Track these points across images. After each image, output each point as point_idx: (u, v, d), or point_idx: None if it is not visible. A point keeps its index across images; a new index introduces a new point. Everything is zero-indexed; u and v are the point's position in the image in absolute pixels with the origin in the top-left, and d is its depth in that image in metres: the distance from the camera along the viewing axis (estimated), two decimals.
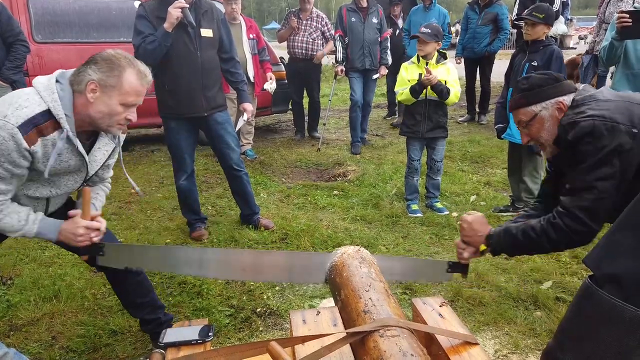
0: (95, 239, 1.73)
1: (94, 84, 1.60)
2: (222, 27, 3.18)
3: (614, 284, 0.99)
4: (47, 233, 1.69)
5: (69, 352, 2.18)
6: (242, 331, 2.32)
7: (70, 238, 1.69)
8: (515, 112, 1.78)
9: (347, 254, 1.76)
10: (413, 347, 1.25)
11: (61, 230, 1.69)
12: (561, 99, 1.68)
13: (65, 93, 1.60)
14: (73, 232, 1.68)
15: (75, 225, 1.68)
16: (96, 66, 1.61)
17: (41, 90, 1.57)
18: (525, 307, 2.46)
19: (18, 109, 1.51)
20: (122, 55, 1.66)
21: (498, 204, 3.87)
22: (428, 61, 3.49)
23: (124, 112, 1.67)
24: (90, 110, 1.62)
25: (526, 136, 1.78)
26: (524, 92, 1.74)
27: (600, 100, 1.60)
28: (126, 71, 1.63)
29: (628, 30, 3.04)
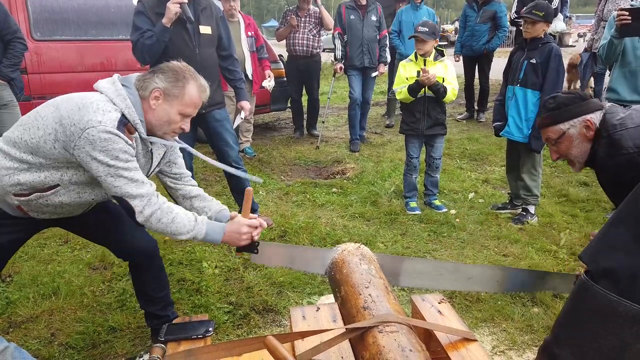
0: (256, 237, 1.79)
1: (159, 92, 1.68)
2: (221, 24, 3.18)
3: (608, 278, 1.00)
4: (213, 234, 1.74)
5: (68, 348, 2.18)
6: (241, 328, 2.33)
7: (234, 238, 1.75)
8: (544, 130, 1.85)
9: (347, 251, 1.77)
10: (412, 342, 1.26)
11: (226, 232, 1.74)
12: (588, 117, 1.74)
13: (135, 98, 1.67)
14: (238, 231, 1.74)
15: (239, 225, 1.75)
16: (163, 75, 1.69)
17: (113, 98, 1.62)
18: (522, 303, 2.47)
19: (107, 113, 1.56)
20: (187, 68, 1.76)
21: (496, 202, 3.88)
22: (426, 59, 3.50)
23: (180, 122, 1.74)
24: (150, 115, 1.70)
25: (555, 153, 1.85)
26: (551, 111, 1.81)
27: (630, 128, 1.64)
28: (190, 83, 1.72)
29: (627, 28, 3.04)
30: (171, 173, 1.94)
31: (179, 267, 2.88)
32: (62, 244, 3.21)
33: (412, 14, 6.08)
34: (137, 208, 1.61)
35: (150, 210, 1.63)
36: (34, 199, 1.65)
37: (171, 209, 1.67)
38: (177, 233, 1.67)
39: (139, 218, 1.63)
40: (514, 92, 3.36)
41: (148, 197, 1.63)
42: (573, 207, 3.80)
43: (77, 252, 3.08)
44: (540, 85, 3.24)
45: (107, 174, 1.56)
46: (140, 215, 1.62)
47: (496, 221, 3.55)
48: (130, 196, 1.60)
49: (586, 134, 1.74)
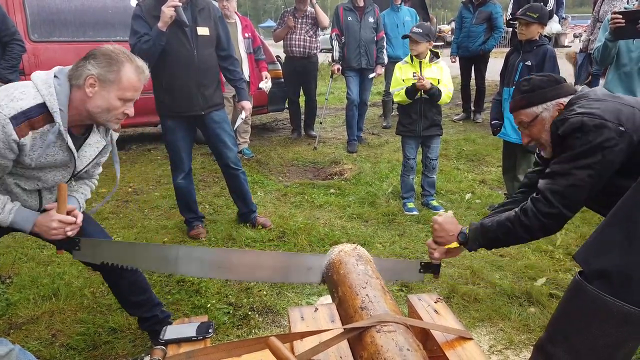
0: (70, 233, 1.74)
1: (93, 79, 1.62)
2: (220, 24, 3.20)
3: (602, 279, 1.02)
4: (22, 223, 1.70)
5: (69, 349, 2.20)
6: (241, 328, 2.35)
7: (44, 231, 1.71)
8: (517, 113, 1.82)
9: (344, 251, 1.79)
10: (409, 341, 1.28)
11: (36, 223, 1.71)
12: (562, 100, 1.72)
13: (63, 88, 1.62)
14: (47, 225, 1.70)
15: (50, 218, 1.70)
16: (95, 61, 1.63)
17: (38, 84, 1.59)
18: (519, 303, 2.50)
19: (13, 101, 1.53)
20: (121, 51, 1.69)
21: (493, 202, 3.91)
22: (421, 60, 3.52)
23: (122, 107, 1.69)
24: (88, 104, 1.65)
25: (527, 137, 1.83)
26: (525, 93, 1.78)
27: (592, 99, 1.65)
28: (125, 66, 1.65)
29: (621, 31, 3.07)
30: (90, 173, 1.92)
31: None
32: None
33: (394, 15, 6.16)
34: None
35: None
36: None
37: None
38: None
39: None
40: (509, 94, 3.38)
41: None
42: None
43: None
44: None
45: None
46: None
47: None
48: None
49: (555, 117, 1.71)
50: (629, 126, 1.52)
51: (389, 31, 6.02)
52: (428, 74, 3.54)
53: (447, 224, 1.83)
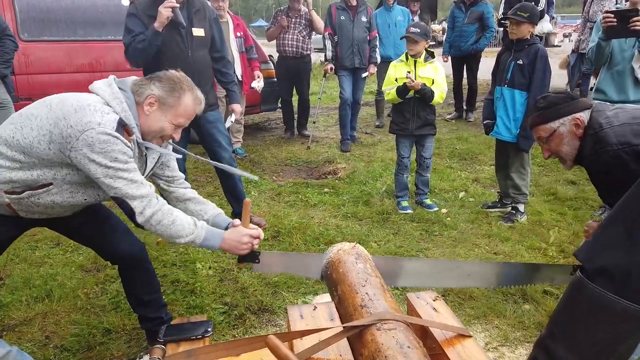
0: (256, 246, 1.80)
1: (154, 99, 1.69)
2: (214, 26, 3.18)
3: (604, 277, 1.03)
4: (211, 240, 1.74)
5: (63, 351, 2.17)
6: (237, 328, 2.34)
7: (234, 246, 1.76)
8: (535, 129, 1.89)
9: (343, 250, 1.79)
10: (409, 339, 1.28)
11: (225, 239, 1.74)
12: (577, 115, 1.79)
13: (131, 102, 1.67)
14: (239, 240, 1.75)
15: (240, 234, 1.75)
16: (160, 83, 1.71)
17: (110, 100, 1.62)
18: (514, 300, 2.52)
19: (105, 115, 1.56)
20: (185, 79, 1.77)
21: (486, 200, 3.93)
22: (416, 60, 3.53)
23: (172, 131, 1.75)
24: (143, 120, 1.70)
25: (547, 151, 1.90)
26: (542, 110, 1.85)
27: (615, 125, 1.69)
28: (186, 94, 1.73)
29: (613, 30, 3.09)
30: (164, 175, 1.94)
31: (173, 269, 2.89)
32: (54, 246, 3.19)
33: (386, 14, 6.15)
34: (137, 209, 1.61)
35: (151, 212, 1.63)
36: (25, 197, 1.63)
37: (171, 212, 1.67)
38: (177, 236, 1.67)
39: (139, 219, 1.62)
40: (501, 93, 3.41)
41: (148, 198, 1.63)
42: (561, 205, 3.86)
43: (69, 255, 3.06)
44: (527, 85, 3.30)
45: (106, 175, 1.56)
46: (140, 216, 1.62)
47: (486, 220, 3.60)
48: (130, 197, 1.60)
49: (576, 132, 1.79)
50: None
51: (381, 31, 6.03)
52: (423, 73, 3.55)
53: None
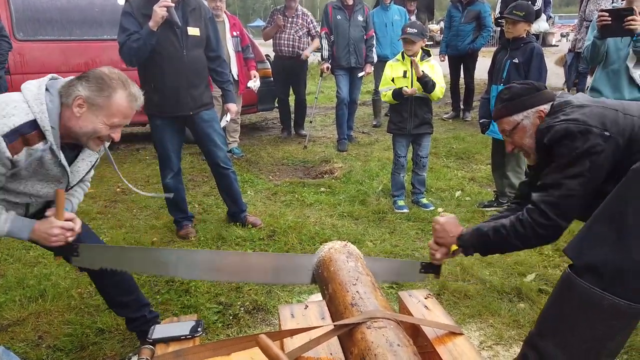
0: (70, 239, 1.72)
1: (82, 100, 1.61)
2: (210, 25, 3.18)
3: (592, 273, 1.02)
4: (19, 232, 1.68)
5: (56, 351, 2.16)
6: (231, 327, 2.33)
7: (44, 238, 1.68)
8: (499, 121, 1.84)
9: (334, 249, 1.79)
10: (399, 337, 1.28)
11: (34, 230, 1.68)
12: (541, 107, 1.74)
13: (54, 105, 1.60)
14: (47, 232, 1.67)
15: (50, 225, 1.68)
16: (87, 83, 1.62)
17: (30, 100, 1.57)
18: (509, 299, 2.51)
19: (5, 117, 1.51)
20: (116, 76, 1.67)
21: (483, 199, 3.93)
22: (413, 59, 3.53)
23: (108, 131, 1.67)
24: (74, 123, 1.63)
25: (510, 144, 1.85)
26: (506, 102, 1.80)
27: (575, 105, 1.66)
28: (117, 92, 1.64)
29: (608, 29, 3.09)
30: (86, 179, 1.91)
31: None
32: None
33: (383, 14, 6.13)
34: None
35: None
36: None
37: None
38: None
39: None
40: (497, 92, 3.40)
41: None
42: None
43: None
44: None
45: None
46: None
47: (483, 218, 3.59)
48: None
49: (539, 125, 1.73)
50: (613, 130, 1.53)
51: (377, 30, 6.02)
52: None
53: (448, 225, 1.82)
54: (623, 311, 0.99)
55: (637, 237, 0.98)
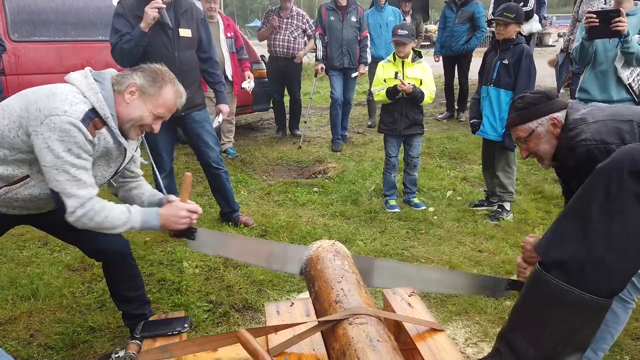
0: (194, 221, 1.81)
1: (135, 87, 1.71)
2: (202, 27, 3.20)
3: (559, 269, 1.06)
4: (150, 220, 1.74)
5: (47, 349, 2.19)
6: (220, 325, 2.36)
7: (172, 222, 1.76)
8: (514, 129, 1.91)
9: (322, 247, 1.82)
10: (380, 333, 1.31)
11: (162, 215, 1.76)
12: (555, 115, 1.81)
13: (108, 93, 1.68)
14: (176, 214, 1.76)
15: (178, 208, 1.77)
16: (142, 74, 1.74)
17: (85, 91, 1.64)
18: (495, 297, 2.55)
19: (74, 104, 1.58)
20: (168, 72, 1.81)
21: (474, 199, 3.97)
22: (404, 60, 3.56)
23: (151, 122, 1.77)
24: (122, 108, 1.72)
25: (525, 151, 1.92)
26: (520, 110, 1.87)
27: (590, 122, 1.71)
28: (167, 86, 1.76)
29: (596, 30, 3.12)
30: (129, 170, 1.96)
31: (160, 267, 2.90)
32: (41, 245, 3.20)
33: (378, 15, 6.17)
34: (70, 208, 1.60)
35: (82, 212, 1.61)
36: (2, 193, 1.65)
37: (103, 208, 1.66)
38: (112, 227, 1.68)
39: (70, 218, 1.61)
40: (487, 92, 3.44)
41: (84, 199, 1.61)
42: (548, 203, 3.90)
43: (57, 254, 3.08)
44: (512, 85, 3.33)
45: (53, 165, 1.55)
46: (70, 215, 1.61)
47: (473, 218, 3.63)
48: (67, 194, 1.59)
49: (553, 131, 1.81)
50: (633, 141, 1.57)
51: (372, 31, 6.07)
52: (411, 73, 3.58)
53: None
54: (588, 305, 1.02)
55: (599, 234, 1.02)
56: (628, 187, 1.01)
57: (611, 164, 1.06)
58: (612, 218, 1.02)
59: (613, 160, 1.06)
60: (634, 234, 1.00)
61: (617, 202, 1.02)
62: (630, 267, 1.04)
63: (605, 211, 1.03)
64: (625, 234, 1.01)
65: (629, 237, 1.01)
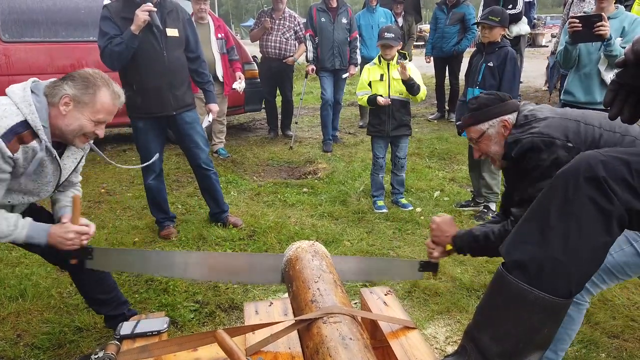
0: (84, 242, 1.80)
1: (68, 98, 1.69)
2: (188, 26, 3.23)
3: (520, 269, 1.10)
4: (36, 237, 1.75)
5: (33, 349, 2.22)
6: (206, 325, 2.40)
7: (60, 242, 1.76)
8: (467, 130, 1.95)
9: (301, 248, 1.85)
10: (352, 331, 1.35)
11: (51, 234, 1.75)
12: (506, 117, 1.85)
13: (42, 105, 1.68)
14: (64, 236, 1.75)
15: (66, 229, 1.76)
16: (73, 82, 1.72)
17: (18, 102, 1.64)
18: (477, 296, 2.59)
19: (1, 119, 1.58)
20: (99, 75, 1.78)
21: (461, 200, 4.01)
22: (389, 62, 3.60)
23: (93, 128, 1.76)
24: (60, 122, 1.71)
25: (477, 151, 1.97)
26: (473, 111, 1.91)
27: (539, 118, 1.77)
28: (101, 90, 1.74)
29: (579, 35, 3.17)
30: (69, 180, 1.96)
31: None
32: None
33: (369, 16, 6.23)
34: None
35: None
36: None
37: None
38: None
39: None
40: (473, 94, 3.48)
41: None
42: None
43: None
44: (497, 87, 3.38)
45: None
46: None
47: (459, 218, 3.68)
48: None
49: (504, 133, 1.85)
50: (576, 141, 1.64)
51: (364, 32, 6.11)
52: (396, 75, 3.61)
53: (444, 225, 1.95)
54: (546, 304, 1.06)
55: (557, 235, 1.06)
56: (584, 192, 1.05)
57: (569, 169, 1.10)
58: (569, 220, 1.06)
59: (571, 166, 1.10)
60: (588, 235, 1.05)
61: (574, 206, 1.06)
62: (586, 268, 1.08)
63: (562, 214, 1.07)
64: (580, 236, 1.05)
65: (583, 239, 1.05)
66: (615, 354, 2.17)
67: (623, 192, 1.02)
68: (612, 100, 1.02)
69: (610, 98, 1.02)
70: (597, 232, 1.04)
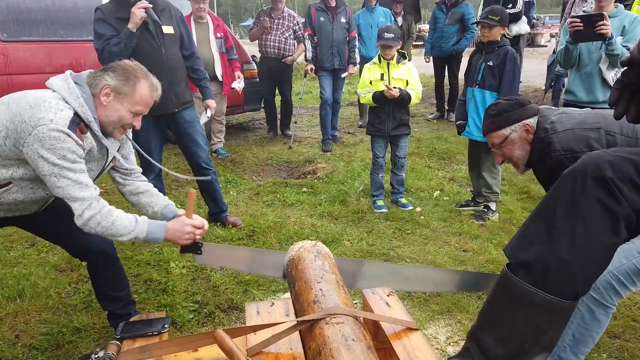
0: (198, 236, 1.84)
1: (109, 89, 1.71)
2: (181, 24, 3.23)
3: (525, 271, 1.09)
4: (156, 233, 1.77)
5: (32, 349, 2.20)
6: (206, 325, 2.38)
7: (177, 236, 1.80)
8: (488, 136, 1.96)
9: (304, 248, 1.84)
10: (355, 332, 1.34)
11: (169, 229, 1.79)
12: (527, 121, 1.87)
13: (88, 96, 1.70)
14: (181, 229, 1.79)
15: (183, 224, 1.81)
16: (114, 73, 1.73)
17: (66, 96, 1.65)
18: (477, 296, 2.58)
19: (60, 112, 1.60)
20: (139, 67, 1.80)
21: (461, 199, 4.00)
22: (389, 62, 3.59)
23: (131, 119, 1.78)
24: (101, 111, 1.73)
25: (500, 157, 1.96)
26: (493, 117, 1.91)
27: (560, 131, 1.76)
28: (141, 82, 1.76)
29: (580, 34, 3.16)
30: (122, 168, 1.97)
31: (147, 268, 2.92)
32: (29, 246, 3.20)
33: (369, 16, 6.21)
34: (77, 211, 1.64)
35: (90, 214, 1.65)
36: None
37: (111, 212, 1.70)
38: (118, 235, 1.71)
39: (78, 221, 1.65)
40: (473, 94, 3.48)
41: (89, 200, 1.65)
42: (534, 203, 3.94)
43: (44, 255, 3.08)
44: (497, 86, 3.37)
45: (52, 173, 1.58)
46: (79, 218, 1.64)
47: (459, 218, 3.67)
48: (71, 198, 1.62)
49: (526, 138, 1.86)
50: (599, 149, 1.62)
51: (363, 31, 6.10)
52: (396, 74, 3.61)
53: None
54: (553, 307, 1.05)
55: (563, 236, 1.05)
56: (591, 192, 1.04)
57: (576, 170, 1.09)
58: (576, 221, 1.05)
59: (578, 166, 1.09)
60: (595, 235, 1.04)
61: (581, 206, 1.05)
62: (592, 269, 1.07)
63: (569, 214, 1.06)
64: (586, 236, 1.04)
65: (590, 240, 1.04)
66: (616, 354, 2.16)
67: (631, 192, 1.01)
68: (617, 99, 1.00)
69: (615, 97, 1.01)
70: (604, 233, 1.03)
